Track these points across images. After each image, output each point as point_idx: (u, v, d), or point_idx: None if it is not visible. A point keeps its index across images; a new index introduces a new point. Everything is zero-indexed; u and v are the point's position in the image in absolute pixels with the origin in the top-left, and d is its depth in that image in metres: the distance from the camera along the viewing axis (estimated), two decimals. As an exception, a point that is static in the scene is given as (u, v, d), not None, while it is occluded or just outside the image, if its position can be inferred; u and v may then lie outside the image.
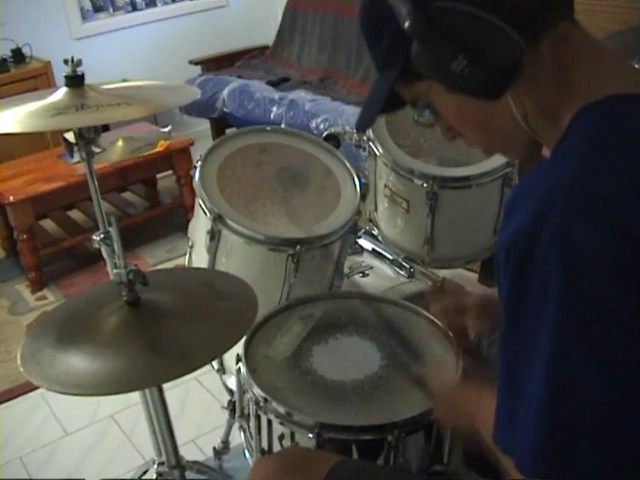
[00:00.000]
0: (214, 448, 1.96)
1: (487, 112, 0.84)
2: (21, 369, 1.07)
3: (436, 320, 1.33)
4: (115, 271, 1.16)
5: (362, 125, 0.99)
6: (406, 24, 0.77)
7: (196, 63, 4.31)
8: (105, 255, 1.64)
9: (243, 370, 1.23)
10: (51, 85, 3.60)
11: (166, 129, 3.32)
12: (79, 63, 1.52)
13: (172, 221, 3.56)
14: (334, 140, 1.75)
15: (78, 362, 1.08)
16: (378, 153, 1.72)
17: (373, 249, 1.90)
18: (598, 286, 0.67)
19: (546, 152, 1.06)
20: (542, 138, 0.85)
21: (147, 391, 1.58)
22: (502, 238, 0.75)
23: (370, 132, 1.74)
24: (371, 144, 1.74)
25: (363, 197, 1.60)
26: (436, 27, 0.76)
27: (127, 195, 3.73)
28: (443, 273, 1.81)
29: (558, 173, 0.73)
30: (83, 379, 1.05)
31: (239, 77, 4.06)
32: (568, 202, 0.69)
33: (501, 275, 0.75)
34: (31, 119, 1.44)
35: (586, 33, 0.81)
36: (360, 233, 1.64)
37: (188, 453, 1.73)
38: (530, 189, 0.75)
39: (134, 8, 4.31)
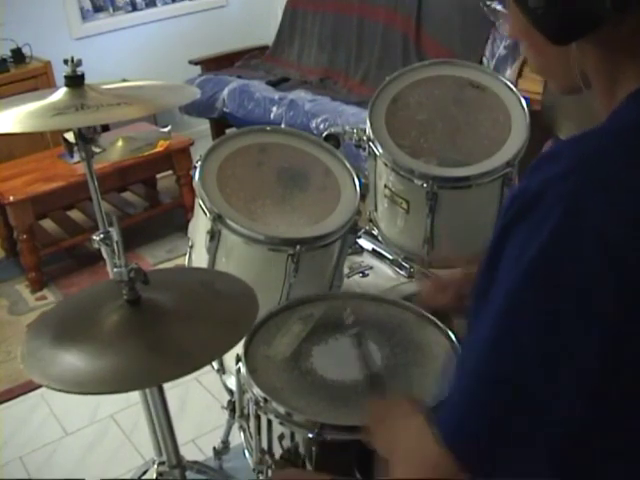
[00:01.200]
0: (214, 448, 1.96)
1: (548, 45, 0.80)
2: (21, 366, 1.07)
3: (436, 320, 1.33)
4: (116, 269, 1.16)
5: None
6: None
7: (196, 63, 4.31)
8: (105, 255, 1.64)
9: (243, 370, 1.23)
10: (51, 85, 3.60)
11: (166, 129, 3.32)
12: (79, 63, 1.52)
13: (172, 221, 3.56)
14: (334, 140, 1.75)
15: (78, 360, 1.08)
16: (378, 153, 1.72)
17: (373, 249, 1.90)
18: (586, 262, 0.65)
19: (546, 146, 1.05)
20: (594, 96, 0.82)
21: (147, 391, 1.58)
22: (515, 187, 0.73)
23: (370, 132, 1.74)
24: (371, 144, 1.74)
25: (363, 197, 1.60)
26: None
27: (127, 195, 3.73)
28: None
29: (592, 148, 0.71)
30: (83, 377, 1.05)
31: (239, 77, 4.06)
32: (591, 177, 0.67)
33: (496, 224, 0.73)
34: (31, 119, 1.45)
35: None
36: (360, 233, 1.64)
37: (188, 453, 1.73)
38: (559, 153, 0.72)
39: (134, 8, 4.31)
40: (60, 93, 1.51)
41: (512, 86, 1.76)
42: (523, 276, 0.67)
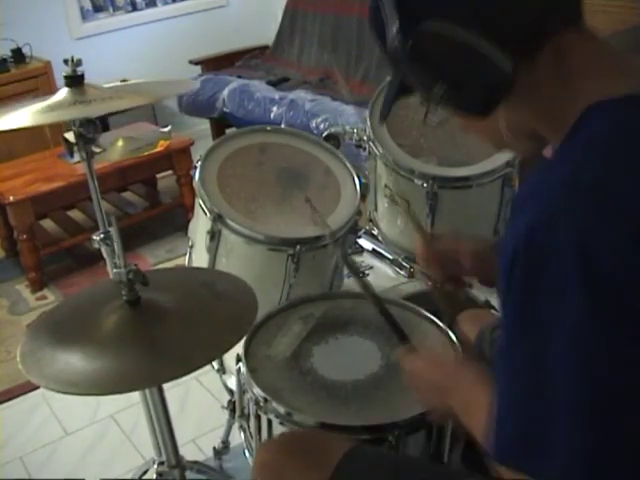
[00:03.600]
0: (214, 448, 1.95)
1: (482, 121, 0.83)
2: (20, 366, 1.07)
3: (436, 320, 1.33)
4: (115, 270, 1.16)
5: (382, 115, 0.96)
6: (390, 46, 0.78)
7: (196, 63, 4.31)
8: (105, 255, 1.64)
9: (243, 370, 1.23)
10: (51, 85, 3.60)
11: (166, 129, 3.32)
12: (79, 63, 1.52)
13: (172, 221, 3.55)
14: (334, 140, 1.75)
15: (77, 361, 1.08)
16: (378, 153, 1.72)
17: (373, 249, 1.90)
18: (619, 287, 0.66)
19: (546, 152, 1.06)
20: (546, 137, 0.84)
21: (147, 391, 1.58)
22: (511, 234, 0.73)
23: (370, 132, 1.74)
24: (371, 144, 1.74)
25: (363, 197, 1.60)
26: (418, 52, 0.77)
27: (127, 195, 3.73)
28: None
29: (575, 173, 0.71)
30: (82, 378, 1.05)
31: (239, 77, 4.06)
32: (587, 205, 0.68)
33: (503, 274, 0.73)
34: (30, 115, 1.44)
35: (592, 36, 0.80)
36: (360, 233, 1.64)
37: (188, 453, 1.73)
38: (541, 186, 0.73)
39: (134, 8, 4.31)
40: (60, 95, 1.51)
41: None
42: (579, 325, 0.67)
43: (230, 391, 1.62)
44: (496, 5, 0.75)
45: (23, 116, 1.44)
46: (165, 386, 1.41)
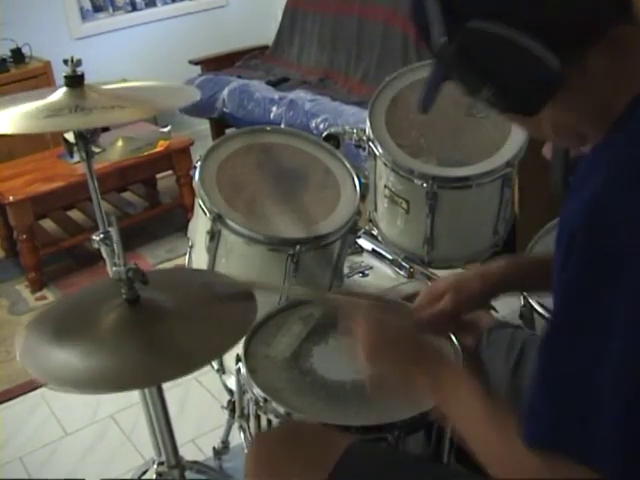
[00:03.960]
0: (214, 448, 1.95)
1: (526, 119, 0.83)
2: (19, 362, 1.07)
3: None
4: (114, 268, 1.16)
5: (426, 105, 0.90)
6: (435, 45, 0.77)
7: (196, 63, 4.31)
8: (105, 255, 1.64)
9: (243, 370, 1.23)
10: (51, 85, 3.60)
11: (166, 129, 3.32)
12: (79, 63, 1.52)
13: (172, 221, 3.55)
14: (334, 140, 1.75)
15: (76, 359, 1.07)
16: (378, 153, 1.72)
17: (373, 249, 1.90)
18: None
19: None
20: (589, 134, 0.83)
21: (147, 391, 1.58)
22: (567, 214, 0.73)
23: (370, 132, 1.74)
24: (371, 144, 1.74)
25: (363, 197, 1.60)
26: (465, 52, 0.75)
27: (127, 195, 3.73)
28: (443, 273, 1.81)
29: (627, 155, 0.72)
30: (81, 376, 1.05)
31: (239, 77, 4.06)
32: (636, 184, 0.68)
33: (560, 250, 0.72)
34: (28, 120, 1.44)
35: None
36: (360, 233, 1.64)
37: (188, 453, 1.73)
38: (597, 167, 0.73)
39: (134, 8, 4.31)
40: (59, 93, 1.51)
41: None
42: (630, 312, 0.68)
43: (230, 391, 1.62)
44: (544, 3, 0.73)
45: (22, 121, 1.44)
46: (165, 386, 1.41)
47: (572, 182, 0.76)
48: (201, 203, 1.50)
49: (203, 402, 2.31)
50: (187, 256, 1.67)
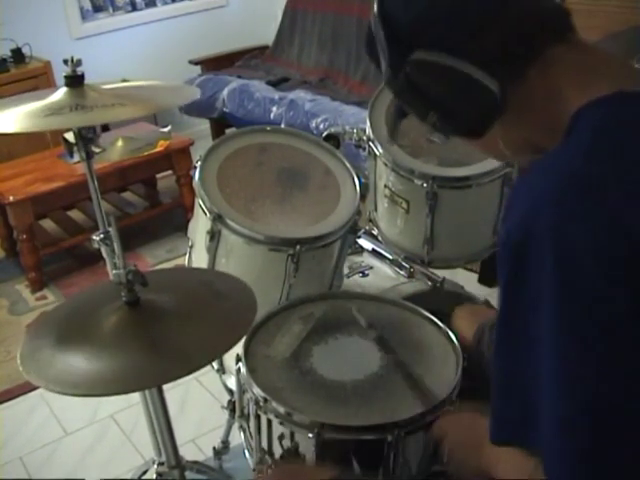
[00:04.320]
0: (214, 448, 1.96)
1: (484, 143, 0.86)
2: (20, 368, 1.07)
3: (436, 320, 1.33)
4: (114, 272, 1.16)
5: (391, 135, 1.02)
6: (385, 77, 0.82)
7: (196, 63, 4.31)
8: (105, 255, 1.64)
9: (243, 370, 1.23)
10: (51, 85, 3.60)
11: (166, 129, 3.32)
12: (79, 63, 1.52)
13: (172, 221, 3.56)
14: (334, 140, 1.75)
15: (77, 362, 1.08)
16: (378, 153, 1.72)
17: (373, 249, 1.90)
18: (594, 284, 0.67)
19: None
20: (545, 146, 0.85)
21: (147, 391, 1.58)
22: (500, 233, 0.75)
23: (370, 132, 1.74)
24: (371, 144, 1.74)
25: (363, 197, 1.60)
26: (408, 82, 0.80)
27: (127, 195, 3.73)
28: (443, 273, 1.81)
29: (557, 168, 0.73)
30: (82, 379, 1.05)
31: (239, 77, 4.06)
32: (565, 198, 0.69)
33: (498, 270, 0.75)
34: (29, 119, 1.44)
35: (580, 45, 0.82)
36: (360, 233, 1.64)
37: (188, 453, 1.73)
38: (529, 183, 0.75)
39: (134, 8, 4.31)
40: (60, 93, 1.51)
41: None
42: (559, 326, 0.68)
43: (230, 391, 1.62)
44: (478, 30, 0.78)
45: (23, 120, 1.44)
46: (165, 386, 1.41)
47: (509, 197, 0.80)
48: (201, 203, 1.50)
49: (203, 402, 2.32)
50: (187, 256, 1.67)
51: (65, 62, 1.52)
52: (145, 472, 1.75)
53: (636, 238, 0.66)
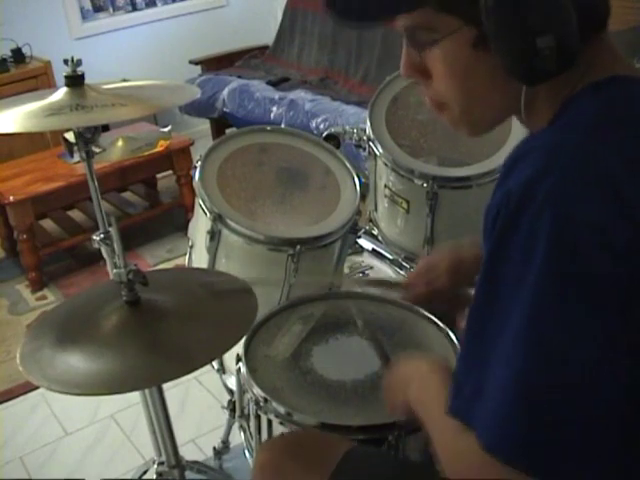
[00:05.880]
0: (214, 448, 1.96)
1: (491, 84, 0.81)
2: (20, 368, 1.07)
3: (436, 320, 1.33)
4: (115, 271, 1.16)
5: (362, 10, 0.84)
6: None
7: (196, 63, 4.31)
8: (105, 255, 1.64)
9: (243, 370, 1.23)
10: (51, 85, 3.60)
11: (166, 129, 3.32)
12: (79, 63, 1.52)
13: (172, 221, 3.56)
14: (334, 140, 1.75)
15: (77, 362, 1.08)
16: (378, 153, 1.72)
17: (373, 249, 1.90)
18: (587, 257, 0.67)
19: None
20: (531, 121, 0.84)
21: (147, 391, 1.58)
22: (495, 196, 0.74)
23: (370, 132, 1.74)
24: (371, 144, 1.74)
25: (363, 197, 1.60)
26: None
27: (127, 195, 3.73)
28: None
29: (560, 138, 0.73)
30: (82, 379, 1.05)
31: (239, 77, 4.06)
32: (570, 167, 0.69)
33: (486, 234, 0.75)
34: (29, 119, 1.45)
35: (607, 38, 0.82)
36: (360, 233, 1.64)
37: (188, 453, 1.73)
38: (530, 151, 0.74)
39: (134, 8, 4.31)
40: (60, 93, 1.51)
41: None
42: (537, 286, 0.68)
43: (230, 391, 1.62)
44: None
45: (23, 120, 1.44)
46: (165, 386, 1.41)
47: (512, 156, 0.76)
48: (201, 203, 1.50)
49: (203, 402, 2.32)
50: (187, 256, 1.67)
51: (65, 62, 1.52)
52: (145, 472, 1.75)
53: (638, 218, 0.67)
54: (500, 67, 0.76)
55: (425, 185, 1.65)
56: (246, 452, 1.31)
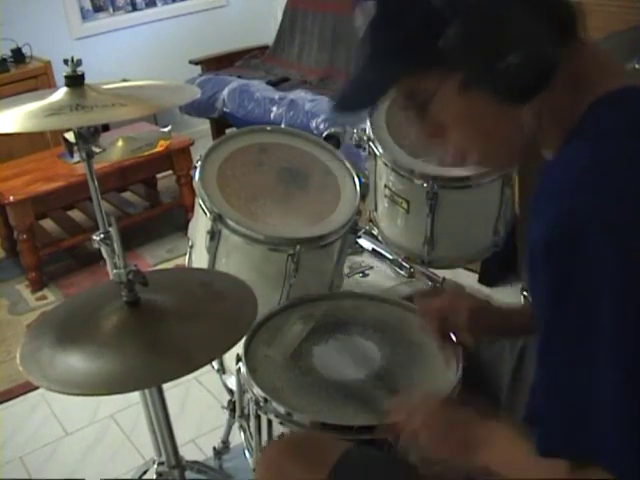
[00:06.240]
0: (214, 448, 1.95)
1: (496, 120, 0.82)
2: (20, 368, 1.07)
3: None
4: (115, 271, 1.16)
5: (345, 108, 0.90)
6: (457, 21, 0.76)
7: (196, 63, 4.31)
8: (105, 255, 1.64)
9: (243, 370, 1.23)
10: (51, 85, 3.60)
11: (166, 129, 3.32)
12: (79, 63, 1.52)
13: (172, 221, 3.55)
14: (334, 140, 1.75)
15: (77, 362, 1.08)
16: (378, 153, 1.72)
17: (373, 249, 1.91)
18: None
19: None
20: (546, 142, 0.84)
21: (147, 391, 1.57)
22: (538, 233, 0.73)
23: (370, 132, 1.74)
24: (371, 144, 1.74)
25: (363, 197, 1.60)
26: (490, 21, 0.74)
27: (127, 195, 3.73)
28: (443, 273, 1.81)
29: (586, 159, 0.73)
30: (82, 379, 1.05)
31: (239, 77, 4.06)
32: (601, 187, 0.69)
33: (538, 273, 0.73)
34: (29, 119, 1.45)
35: (591, 44, 0.82)
36: (360, 233, 1.64)
37: (188, 453, 1.73)
38: (558, 179, 0.74)
39: (134, 8, 4.31)
40: (60, 93, 1.51)
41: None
42: (623, 322, 0.69)
43: (230, 391, 1.62)
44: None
45: (23, 120, 1.44)
46: (165, 386, 1.41)
47: (535, 201, 0.76)
48: (201, 203, 1.50)
49: (203, 402, 2.31)
50: (187, 256, 1.67)
51: (65, 62, 1.52)
52: (145, 472, 1.74)
53: None
54: (494, 100, 0.78)
55: (425, 185, 1.65)
56: (246, 452, 1.31)
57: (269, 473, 1.08)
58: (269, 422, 1.17)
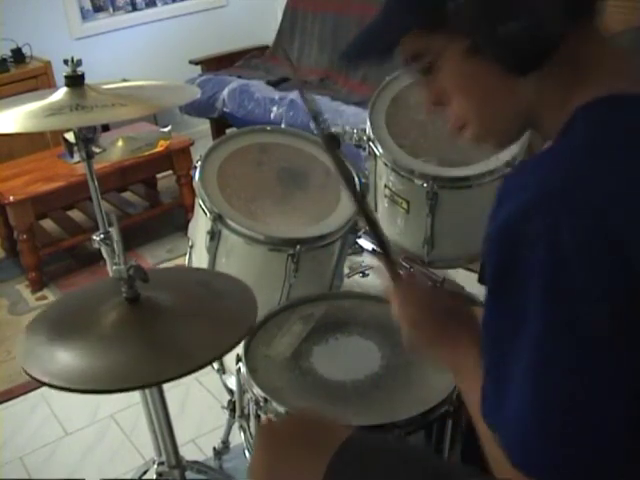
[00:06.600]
0: (214, 448, 1.96)
1: (497, 89, 0.82)
2: (20, 364, 1.07)
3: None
4: (115, 267, 1.16)
5: (353, 55, 0.91)
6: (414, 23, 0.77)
7: (196, 63, 4.31)
8: (105, 255, 1.64)
9: (243, 370, 1.23)
10: (51, 85, 3.60)
11: (166, 129, 3.32)
12: (79, 63, 1.52)
13: (172, 221, 3.56)
14: (334, 140, 1.75)
15: (76, 358, 1.08)
16: (378, 153, 1.72)
17: (373, 249, 1.90)
18: (584, 286, 0.67)
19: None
20: (540, 128, 0.84)
21: (147, 391, 1.58)
22: (491, 228, 0.76)
23: (370, 132, 1.74)
24: (371, 144, 1.74)
25: (363, 197, 1.60)
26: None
27: (127, 195, 3.73)
28: (443, 273, 1.81)
29: (553, 167, 0.73)
30: (81, 375, 1.05)
31: (239, 77, 4.07)
32: (558, 200, 0.69)
33: (486, 265, 0.77)
34: (29, 119, 1.45)
35: (604, 37, 0.81)
36: (360, 233, 1.64)
37: (188, 453, 1.73)
38: (523, 180, 0.74)
39: (134, 8, 4.31)
40: (60, 93, 1.51)
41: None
42: (543, 319, 0.69)
43: (230, 391, 1.62)
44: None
45: (23, 120, 1.44)
46: (165, 386, 1.41)
47: (500, 192, 0.77)
48: (201, 203, 1.50)
49: (203, 402, 2.32)
50: (187, 256, 1.68)
51: (65, 62, 1.52)
52: (145, 472, 1.75)
53: (635, 261, 0.66)
54: (495, 69, 0.77)
55: (425, 185, 1.65)
56: (246, 452, 1.31)
57: (267, 454, 1.04)
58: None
